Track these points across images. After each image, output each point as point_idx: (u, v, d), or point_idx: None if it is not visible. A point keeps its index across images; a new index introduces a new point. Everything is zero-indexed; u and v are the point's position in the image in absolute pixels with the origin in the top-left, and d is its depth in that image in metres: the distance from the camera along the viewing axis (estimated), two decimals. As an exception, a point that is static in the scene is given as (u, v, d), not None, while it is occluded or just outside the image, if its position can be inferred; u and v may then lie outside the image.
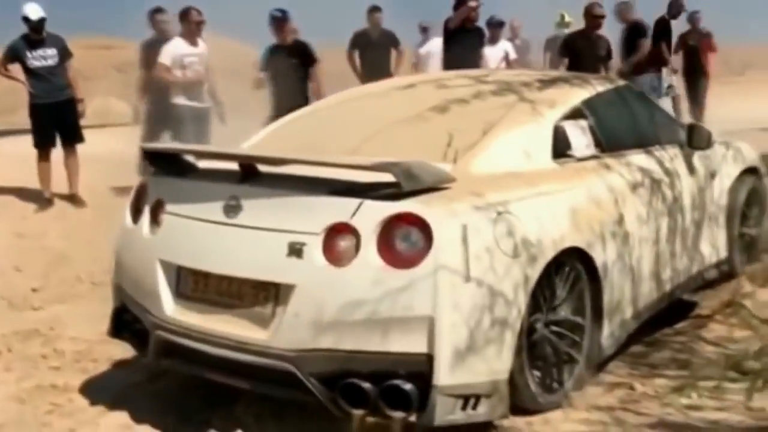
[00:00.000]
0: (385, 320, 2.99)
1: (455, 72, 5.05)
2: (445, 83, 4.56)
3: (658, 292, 4.24)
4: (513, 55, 9.99)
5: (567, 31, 10.54)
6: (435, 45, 9.63)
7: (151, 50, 8.30)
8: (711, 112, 10.66)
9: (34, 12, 7.50)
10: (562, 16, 10.92)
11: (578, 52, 8.47)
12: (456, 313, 3.02)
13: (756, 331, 4.26)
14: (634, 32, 9.53)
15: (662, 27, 10.11)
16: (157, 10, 8.63)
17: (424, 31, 10.71)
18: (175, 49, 7.89)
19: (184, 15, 7.98)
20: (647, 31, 9.69)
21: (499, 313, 3.13)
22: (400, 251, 3.03)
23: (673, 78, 10.29)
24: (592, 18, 8.62)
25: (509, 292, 3.16)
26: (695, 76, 10.89)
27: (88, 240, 6.86)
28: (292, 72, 8.02)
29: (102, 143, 7.21)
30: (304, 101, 7.39)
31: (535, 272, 3.27)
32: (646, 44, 9.51)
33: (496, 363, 3.15)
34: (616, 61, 9.30)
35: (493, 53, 9.80)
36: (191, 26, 7.94)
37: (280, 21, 8.24)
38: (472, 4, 8.23)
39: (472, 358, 3.07)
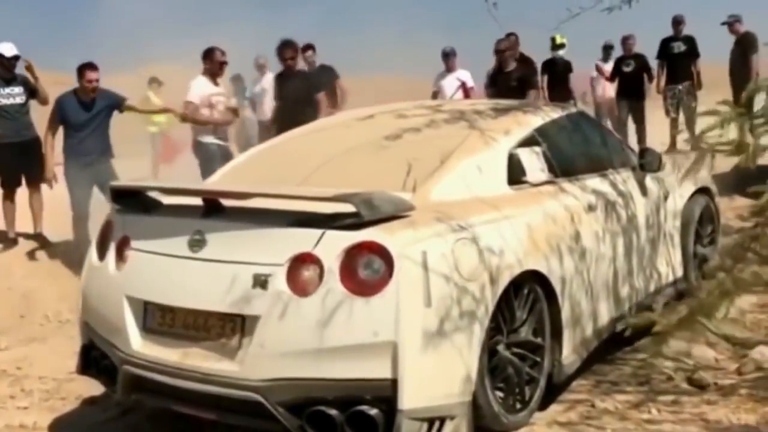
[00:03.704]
0: (349, 347, 3.06)
1: (413, 102, 5.15)
2: (403, 113, 4.67)
3: (617, 311, 4.36)
4: (470, 83, 9.90)
5: (562, 53, 11.06)
6: (268, 81, 9.68)
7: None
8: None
9: (8, 50, 7.52)
10: (553, 39, 10.98)
11: (498, 87, 8.87)
12: (418, 337, 3.09)
13: (712, 347, 4.40)
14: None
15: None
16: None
17: (261, 68, 10.52)
18: (201, 88, 7.72)
19: (208, 54, 7.86)
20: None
21: (460, 336, 3.21)
22: (362, 279, 3.10)
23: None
24: (495, 53, 9.07)
25: (470, 316, 3.25)
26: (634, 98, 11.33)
27: (54, 279, 6.85)
28: None
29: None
30: None
31: (494, 295, 3.37)
32: None
33: (459, 385, 3.23)
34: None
35: (448, 82, 9.72)
36: (215, 66, 7.84)
37: None
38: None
39: (435, 382, 3.15)
